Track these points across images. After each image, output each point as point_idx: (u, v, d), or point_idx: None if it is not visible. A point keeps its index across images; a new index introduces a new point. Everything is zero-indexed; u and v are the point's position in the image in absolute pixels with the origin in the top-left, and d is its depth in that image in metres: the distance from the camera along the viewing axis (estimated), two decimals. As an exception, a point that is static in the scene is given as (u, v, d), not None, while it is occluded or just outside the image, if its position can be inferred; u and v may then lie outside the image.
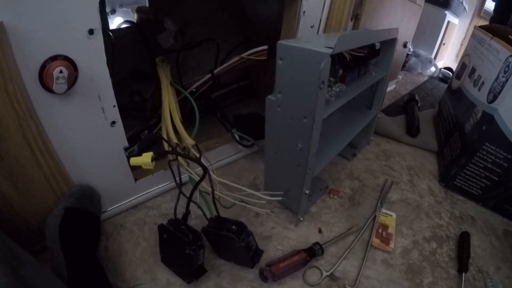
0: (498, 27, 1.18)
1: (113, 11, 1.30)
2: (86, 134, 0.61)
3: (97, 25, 0.53)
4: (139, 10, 1.00)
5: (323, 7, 0.86)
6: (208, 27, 0.98)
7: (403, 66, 2.10)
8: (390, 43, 0.88)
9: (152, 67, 0.80)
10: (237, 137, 0.85)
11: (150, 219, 0.77)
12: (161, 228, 0.61)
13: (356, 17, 0.98)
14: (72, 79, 0.53)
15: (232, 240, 0.58)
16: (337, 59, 0.66)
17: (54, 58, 0.50)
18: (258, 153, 0.98)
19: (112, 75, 0.58)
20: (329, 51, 0.52)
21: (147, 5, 1.11)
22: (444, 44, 2.57)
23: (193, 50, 0.93)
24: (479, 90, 0.95)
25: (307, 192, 0.70)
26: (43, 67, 0.50)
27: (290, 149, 0.66)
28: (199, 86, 0.85)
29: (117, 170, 0.70)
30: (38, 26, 0.48)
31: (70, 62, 0.52)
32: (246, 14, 1.01)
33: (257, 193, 0.66)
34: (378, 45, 0.77)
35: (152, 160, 0.52)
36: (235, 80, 1.11)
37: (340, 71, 0.71)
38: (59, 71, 0.50)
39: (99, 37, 0.54)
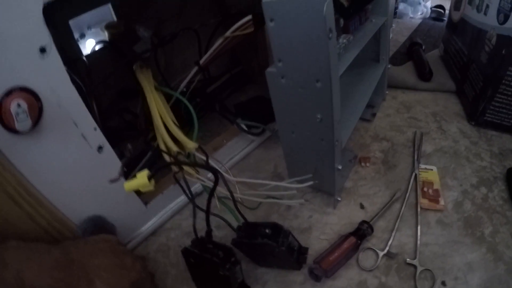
0: None
1: (82, 36, 1.21)
2: (73, 169, 0.53)
3: (47, 40, 0.43)
4: (108, 27, 0.92)
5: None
6: (184, 19, 0.88)
7: (394, 14, 2.02)
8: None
9: (132, 76, 0.72)
10: (244, 127, 0.76)
11: (173, 242, 0.69)
12: (185, 252, 0.52)
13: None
14: (36, 111, 0.44)
15: (270, 246, 0.49)
16: (335, 6, 0.56)
17: (8, 93, 0.41)
18: (272, 139, 0.88)
19: (95, 100, 0.50)
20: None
21: (114, 18, 1.01)
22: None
23: (174, 49, 0.83)
24: (485, 14, 0.85)
25: (340, 167, 0.60)
26: (-1, 107, 0.41)
27: (308, 124, 0.56)
28: (189, 84, 0.75)
29: (120, 199, 0.61)
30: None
31: (28, 93, 0.43)
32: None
33: (284, 184, 0.57)
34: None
35: (150, 178, 0.43)
36: (225, 69, 1.02)
37: (341, 21, 0.61)
38: (16, 106, 0.41)
39: (53, 53, 0.45)
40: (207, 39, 0.80)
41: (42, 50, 0.43)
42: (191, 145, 0.56)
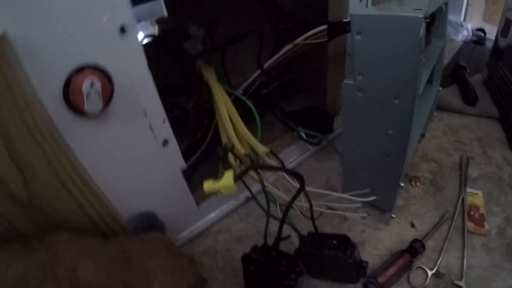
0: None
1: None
2: (133, 161, 0.51)
3: (129, 20, 0.41)
4: (159, 21, 0.93)
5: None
6: (239, 22, 0.89)
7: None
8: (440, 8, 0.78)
9: (193, 74, 0.72)
10: (303, 135, 0.76)
11: (221, 246, 0.68)
12: (246, 258, 0.52)
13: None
14: (108, 94, 0.41)
15: (339, 258, 0.49)
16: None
17: (79, 69, 0.39)
18: (324, 151, 0.88)
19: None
20: (421, 14, 0.42)
21: (166, 14, 1.02)
22: (470, 5, 2.42)
23: (226, 51, 0.84)
24: (533, 43, 0.84)
25: (403, 185, 0.60)
26: (67, 83, 0.38)
27: (377, 139, 0.56)
28: (247, 86, 0.76)
29: (175, 197, 0.61)
30: (53, 32, 0.37)
31: (101, 72, 0.40)
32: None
33: (346, 196, 0.56)
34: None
35: (235, 180, 0.43)
36: (276, 76, 1.02)
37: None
38: (89, 85, 0.38)
39: (133, 35, 0.42)
40: (271, 43, 0.79)
41: (122, 29, 0.41)
42: (262, 149, 0.56)
